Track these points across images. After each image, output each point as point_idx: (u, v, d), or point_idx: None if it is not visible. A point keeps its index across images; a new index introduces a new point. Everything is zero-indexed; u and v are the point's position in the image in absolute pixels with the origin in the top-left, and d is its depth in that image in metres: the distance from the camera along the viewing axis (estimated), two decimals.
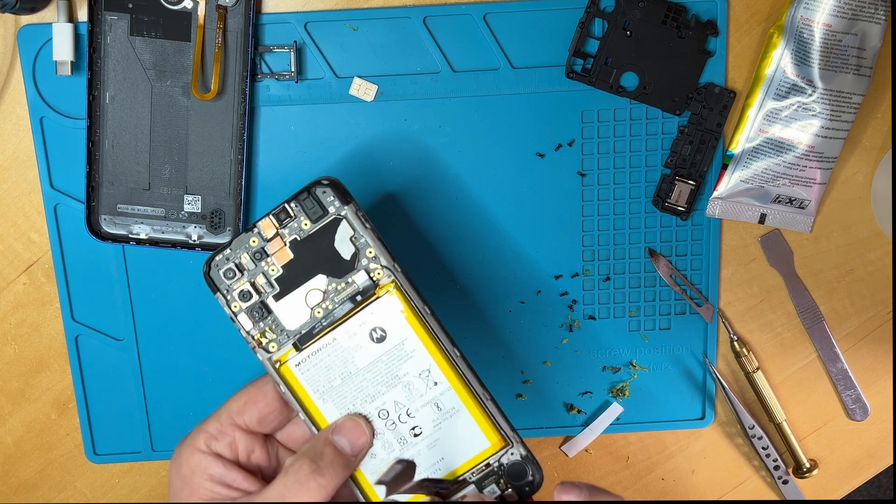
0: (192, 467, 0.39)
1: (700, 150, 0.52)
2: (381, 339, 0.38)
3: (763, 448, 0.57)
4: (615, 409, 0.56)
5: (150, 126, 0.51)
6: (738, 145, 0.52)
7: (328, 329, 0.38)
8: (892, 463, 0.59)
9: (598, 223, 0.54)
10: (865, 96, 0.51)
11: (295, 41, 0.51)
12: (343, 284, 0.38)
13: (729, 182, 0.52)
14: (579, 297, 0.55)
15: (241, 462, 0.40)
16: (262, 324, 0.38)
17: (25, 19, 0.50)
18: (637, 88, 0.52)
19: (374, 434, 0.38)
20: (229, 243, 0.38)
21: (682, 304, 0.55)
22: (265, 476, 0.41)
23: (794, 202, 0.53)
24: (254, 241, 0.38)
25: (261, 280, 0.38)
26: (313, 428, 0.39)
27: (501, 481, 0.37)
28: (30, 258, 0.54)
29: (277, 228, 0.38)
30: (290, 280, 0.38)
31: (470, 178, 0.53)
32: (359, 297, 0.38)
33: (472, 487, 0.37)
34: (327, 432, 0.38)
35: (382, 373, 0.38)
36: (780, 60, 0.50)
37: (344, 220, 0.38)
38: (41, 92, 0.51)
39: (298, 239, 0.38)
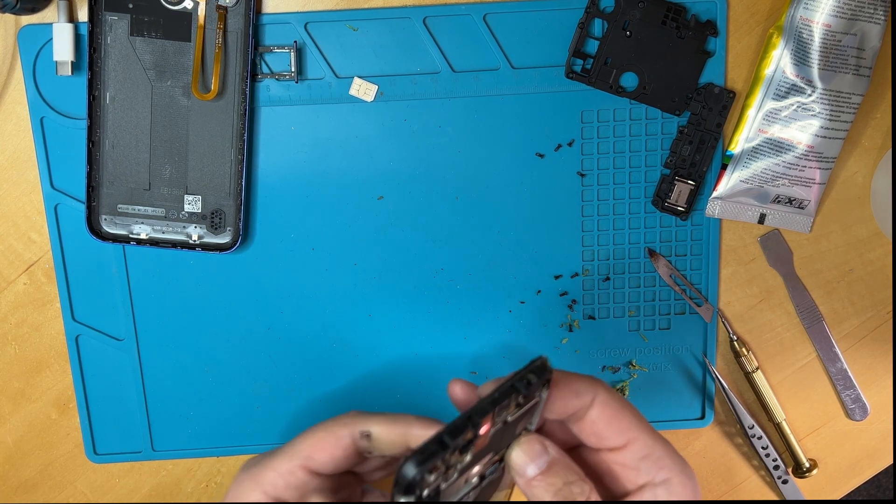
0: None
1: (700, 151, 0.52)
2: None
3: (762, 448, 0.57)
4: None
5: (151, 126, 0.51)
6: (738, 145, 0.52)
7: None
8: (891, 463, 0.59)
9: (597, 223, 0.54)
10: (865, 96, 0.51)
11: (295, 41, 0.51)
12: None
13: (728, 182, 0.53)
14: (579, 297, 0.55)
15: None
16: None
17: (26, 19, 0.50)
18: (637, 88, 0.52)
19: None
20: (443, 448, 0.28)
21: (681, 303, 0.55)
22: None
23: (793, 202, 0.53)
24: (469, 435, 0.29)
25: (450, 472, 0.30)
26: None
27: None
28: (30, 258, 0.54)
29: (492, 423, 0.30)
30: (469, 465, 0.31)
31: (470, 178, 0.53)
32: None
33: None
34: None
35: None
36: (779, 60, 0.50)
37: (539, 404, 0.32)
38: (41, 92, 0.51)
39: (499, 428, 0.31)
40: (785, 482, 0.58)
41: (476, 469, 0.31)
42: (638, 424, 0.35)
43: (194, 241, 0.53)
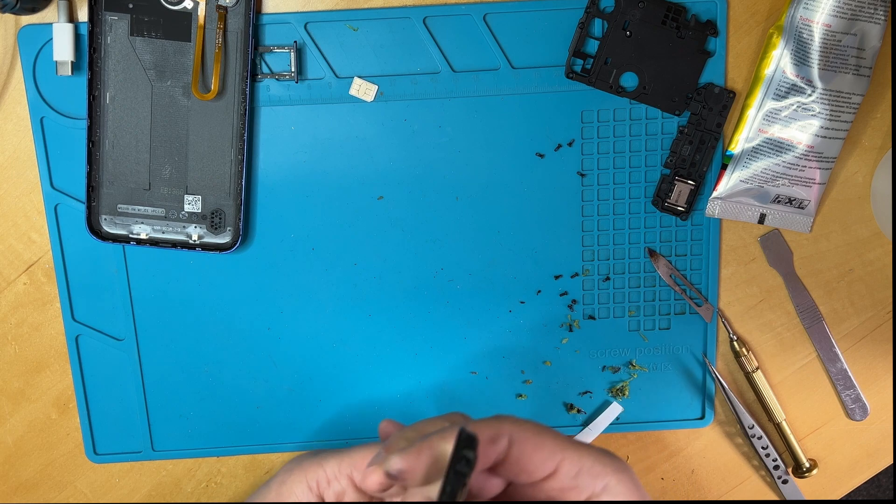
0: (292, 493, 0.39)
1: (700, 150, 0.52)
2: None
3: (763, 448, 0.57)
4: (615, 409, 0.56)
5: (151, 126, 0.51)
6: (738, 145, 0.52)
7: None
8: (891, 463, 0.59)
9: (597, 223, 0.54)
10: (865, 96, 0.51)
11: (295, 41, 0.51)
12: None
13: (728, 182, 0.53)
14: (579, 297, 0.55)
15: None
16: None
17: (26, 19, 0.50)
18: (637, 88, 0.52)
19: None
20: None
21: (681, 303, 0.55)
22: None
23: (793, 202, 0.53)
24: None
25: None
26: None
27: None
28: (30, 258, 0.54)
29: None
30: None
31: (470, 178, 0.53)
32: None
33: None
34: None
35: None
36: (779, 60, 0.50)
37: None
38: (41, 92, 0.51)
39: None
40: (785, 482, 0.58)
41: None
42: (560, 444, 0.34)
43: (194, 241, 0.53)
